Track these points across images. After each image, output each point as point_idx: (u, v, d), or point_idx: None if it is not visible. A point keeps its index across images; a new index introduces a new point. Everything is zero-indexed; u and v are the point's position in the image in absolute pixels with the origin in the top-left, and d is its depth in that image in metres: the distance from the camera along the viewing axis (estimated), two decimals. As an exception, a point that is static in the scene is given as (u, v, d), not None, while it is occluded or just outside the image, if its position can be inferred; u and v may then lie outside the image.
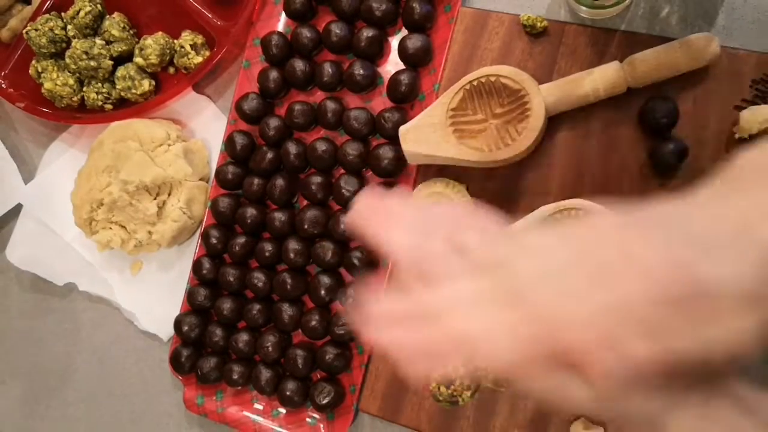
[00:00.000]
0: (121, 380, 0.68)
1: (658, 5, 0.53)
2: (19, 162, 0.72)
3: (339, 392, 0.58)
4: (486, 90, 0.51)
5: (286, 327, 0.59)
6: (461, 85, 0.51)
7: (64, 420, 0.69)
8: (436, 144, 0.51)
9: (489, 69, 0.51)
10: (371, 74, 0.58)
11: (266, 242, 0.60)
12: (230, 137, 0.62)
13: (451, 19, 0.57)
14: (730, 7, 0.51)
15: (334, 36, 0.59)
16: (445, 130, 0.51)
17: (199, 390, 0.63)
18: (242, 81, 0.64)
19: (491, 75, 0.50)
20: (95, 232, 0.64)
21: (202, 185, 0.64)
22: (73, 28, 0.66)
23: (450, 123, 0.51)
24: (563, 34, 0.54)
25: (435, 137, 0.51)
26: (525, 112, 0.50)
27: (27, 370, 0.71)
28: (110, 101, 0.67)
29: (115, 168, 0.62)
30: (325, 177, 0.60)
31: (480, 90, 0.51)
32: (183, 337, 0.62)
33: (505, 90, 0.50)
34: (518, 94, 0.50)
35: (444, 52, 0.57)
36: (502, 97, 0.51)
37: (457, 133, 0.51)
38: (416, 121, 0.52)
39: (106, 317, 0.69)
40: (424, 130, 0.52)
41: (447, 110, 0.51)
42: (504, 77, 0.50)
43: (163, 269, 0.67)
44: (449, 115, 0.51)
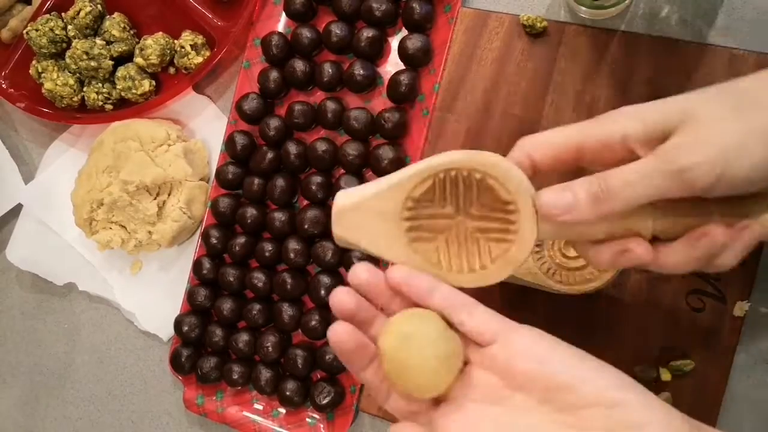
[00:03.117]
0: (121, 380, 0.68)
1: (657, 5, 0.53)
2: (19, 162, 0.72)
3: (339, 392, 0.58)
4: (465, 185, 0.36)
5: (286, 327, 0.59)
6: (432, 170, 0.35)
7: (64, 420, 0.69)
8: (381, 240, 0.37)
9: (475, 158, 0.35)
10: (371, 74, 0.59)
11: (266, 242, 0.60)
12: (230, 137, 0.62)
13: (451, 19, 0.57)
14: (730, 8, 0.51)
15: (334, 36, 0.59)
16: (397, 223, 0.36)
17: (199, 390, 0.63)
18: (242, 81, 0.64)
19: (476, 170, 0.35)
20: (95, 232, 0.64)
21: (203, 185, 0.64)
22: (74, 29, 0.66)
23: (406, 216, 0.36)
24: (563, 34, 0.54)
25: (380, 229, 0.37)
26: (507, 234, 0.36)
27: (27, 370, 0.71)
28: (110, 101, 0.67)
29: (116, 168, 0.62)
30: (325, 177, 0.60)
31: (456, 182, 0.36)
32: (183, 337, 0.62)
33: (490, 193, 0.35)
34: (505, 207, 0.36)
35: (444, 52, 0.57)
36: (483, 199, 0.36)
37: (412, 233, 0.37)
38: (359, 199, 0.37)
39: (106, 317, 0.69)
40: (368, 215, 0.37)
41: (406, 198, 0.36)
42: (492, 178, 0.35)
43: (163, 269, 0.67)
44: (407, 206, 0.36)
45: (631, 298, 0.51)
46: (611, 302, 0.51)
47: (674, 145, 0.33)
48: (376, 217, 0.37)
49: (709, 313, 0.50)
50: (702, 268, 0.36)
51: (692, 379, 0.49)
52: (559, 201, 0.34)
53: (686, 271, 0.35)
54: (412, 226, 0.37)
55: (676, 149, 0.33)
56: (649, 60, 0.52)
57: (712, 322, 0.50)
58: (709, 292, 0.50)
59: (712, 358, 0.50)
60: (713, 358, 0.49)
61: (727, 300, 0.49)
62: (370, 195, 0.37)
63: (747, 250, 0.35)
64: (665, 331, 0.51)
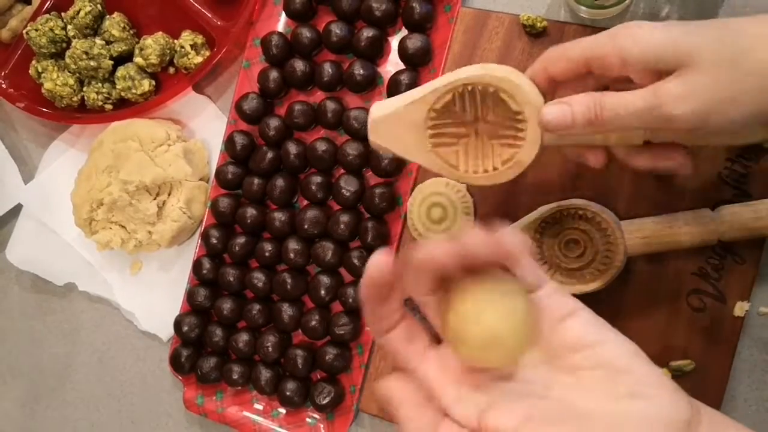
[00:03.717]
0: (121, 380, 0.68)
1: (658, 6, 0.53)
2: (19, 162, 0.72)
3: (339, 392, 0.58)
4: (480, 97, 0.41)
5: (286, 327, 0.59)
6: (451, 85, 0.41)
7: (63, 420, 0.69)
8: (408, 145, 0.43)
9: (489, 73, 0.40)
10: (371, 74, 0.58)
11: (266, 242, 0.60)
12: (230, 137, 0.62)
13: (451, 19, 0.57)
14: (730, 7, 0.51)
15: (334, 36, 0.59)
16: (422, 131, 0.43)
17: (198, 390, 0.63)
18: (242, 81, 0.64)
19: (490, 84, 0.40)
20: (95, 232, 0.64)
21: (202, 185, 0.64)
22: (73, 28, 0.66)
23: (430, 125, 0.42)
24: (563, 34, 0.54)
25: (408, 136, 0.43)
26: (516, 140, 0.41)
27: (27, 370, 0.71)
28: (110, 101, 0.67)
29: (115, 168, 0.62)
30: (325, 177, 0.60)
31: (474, 95, 0.41)
32: (183, 337, 0.62)
33: (502, 104, 0.41)
34: (515, 116, 0.41)
35: (444, 52, 0.57)
36: (497, 108, 0.41)
37: (435, 139, 0.43)
38: (390, 110, 0.43)
39: (106, 317, 0.69)
40: (398, 125, 0.43)
41: (429, 109, 0.42)
42: (504, 91, 0.40)
43: (163, 269, 0.67)
44: (430, 116, 0.42)
45: (631, 298, 0.51)
46: (611, 302, 0.51)
47: (668, 91, 0.35)
48: (404, 126, 0.43)
49: (709, 313, 0.50)
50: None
51: (692, 380, 0.49)
52: (557, 117, 0.38)
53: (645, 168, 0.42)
54: (434, 134, 0.43)
55: (670, 95, 0.35)
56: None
57: (713, 322, 0.50)
58: (709, 292, 0.50)
59: (712, 358, 0.49)
60: (713, 358, 0.49)
61: (727, 300, 0.49)
62: (399, 107, 0.43)
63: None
64: (665, 331, 0.50)
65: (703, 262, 0.50)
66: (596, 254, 0.48)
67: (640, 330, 0.51)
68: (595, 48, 0.38)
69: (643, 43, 0.36)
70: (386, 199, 0.57)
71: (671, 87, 0.35)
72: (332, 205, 0.60)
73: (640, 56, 0.36)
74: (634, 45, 0.36)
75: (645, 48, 0.36)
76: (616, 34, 0.37)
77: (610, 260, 0.47)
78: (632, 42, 0.36)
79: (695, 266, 0.50)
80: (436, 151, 0.43)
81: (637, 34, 0.37)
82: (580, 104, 0.38)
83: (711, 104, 0.35)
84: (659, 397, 0.31)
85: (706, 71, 0.35)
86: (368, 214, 0.58)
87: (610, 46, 0.37)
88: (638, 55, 0.36)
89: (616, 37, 0.37)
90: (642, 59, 0.36)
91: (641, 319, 0.51)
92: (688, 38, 0.36)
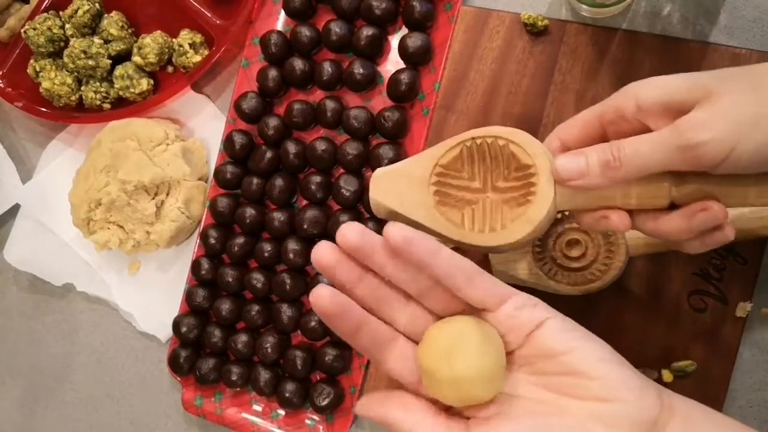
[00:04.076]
0: (120, 381, 0.67)
1: (659, 4, 0.52)
2: (17, 162, 0.72)
3: (338, 393, 0.57)
4: (491, 154, 0.39)
5: (285, 328, 0.59)
6: (460, 139, 0.39)
7: (62, 420, 0.69)
8: (407, 202, 0.40)
9: (499, 129, 0.39)
10: (371, 73, 0.58)
11: (265, 242, 0.60)
12: (229, 137, 0.62)
13: (451, 17, 0.57)
14: (732, 6, 0.51)
15: (333, 35, 0.58)
16: (425, 188, 0.40)
17: (197, 391, 0.62)
18: (241, 80, 0.63)
19: (500, 137, 0.38)
20: (93, 232, 0.64)
21: (201, 185, 0.64)
22: (72, 27, 0.66)
23: (435, 181, 0.40)
24: (564, 32, 0.54)
25: (409, 193, 0.40)
26: (527, 195, 0.38)
27: (25, 371, 0.71)
28: (108, 100, 0.67)
29: (114, 167, 0.61)
30: (325, 177, 0.59)
31: (483, 152, 0.39)
32: (181, 337, 0.62)
33: (513, 160, 0.38)
34: (526, 170, 0.38)
35: (444, 50, 0.57)
36: (508, 168, 0.39)
37: (438, 197, 0.40)
38: (396, 167, 0.42)
39: (105, 318, 0.68)
40: (401, 181, 0.41)
41: (435, 165, 0.40)
42: (514, 144, 0.38)
43: (161, 270, 0.66)
44: (436, 171, 0.40)
45: (633, 298, 0.51)
46: (612, 303, 0.51)
47: (690, 120, 0.33)
48: (407, 182, 0.40)
49: (710, 314, 0.50)
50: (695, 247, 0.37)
51: (694, 380, 0.49)
52: (571, 166, 0.36)
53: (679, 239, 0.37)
54: (439, 191, 0.40)
55: (692, 124, 0.33)
56: (650, 59, 0.52)
57: (714, 322, 0.49)
58: (710, 292, 0.50)
59: (714, 358, 0.49)
60: (715, 359, 0.49)
61: (728, 300, 0.49)
62: (404, 163, 0.41)
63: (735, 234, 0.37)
64: (667, 331, 0.50)
65: (704, 263, 0.50)
66: (598, 254, 0.47)
67: (642, 331, 0.51)
68: (607, 103, 0.37)
69: (659, 85, 0.35)
70: (386, 199, 0.57)
71: (692, 117, 0.33)
72: (332, 205, 0.60)
73: (657, 97, 0.35)
74: (649, 88, 0.35)
75: (661, 88, 0.35)
76: (627, 87, 0.36)
77: (612, 260, 0.47)
78: (646, 86, 0.35)
79: (697, 267, 0.50)
80: (440, 208, 0.40)
81: (650, 80, 0.36)
82: (595, 149, 0.36)
83: (734, 128, 0.33)
84: (624, 398, 0.33)
85: (726, 98, 0.33)
86: (368, 214, 0.58)
87: (622, 96, 0.36)
88: (654, 97, 0.35)
89: (628, 88, 0.36)
90: (658, 100, 0.35)
91: (643, 320, 0.51)
92: (704, 76, 0.35)
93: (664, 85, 0.35)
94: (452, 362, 0.33)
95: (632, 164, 0.35)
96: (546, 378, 0.34)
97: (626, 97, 0.36)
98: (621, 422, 0.32)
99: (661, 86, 0.35)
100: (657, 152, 0.34)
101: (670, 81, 0.35)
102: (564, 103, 0.54)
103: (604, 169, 0.35)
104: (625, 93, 0.36)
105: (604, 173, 0.35)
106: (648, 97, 0.35)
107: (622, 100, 0.36)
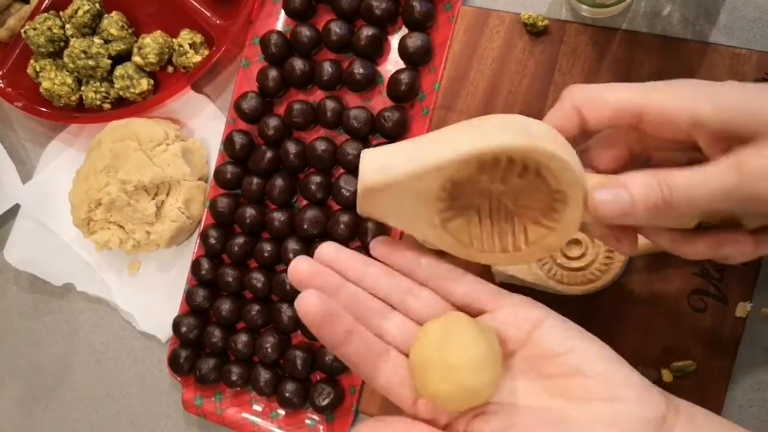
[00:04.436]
0: (120, 381, 0.67)
1: (659, 4, 0.52)
2: (17, 162, 0.72)
3: (339, 393, 0.57)
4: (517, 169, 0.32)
5: (285, 328, 0.59)
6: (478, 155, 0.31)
7: (62, 420, 0.69)
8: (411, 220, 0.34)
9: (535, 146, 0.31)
10: (371, 73, 0.58)
11: (265, 242, 0.60)
12: (229, 137, 0.62)
13: (451, 17, 0.57)
14: (732, 6, 0.51)
15: (333, 35, 0.58)
16: (431, 205, 0.33)
17: (197, 391, 0.62)
18: (241, 80, 0.63)
19: (529, 156, 0.31)
20: (93, 232, 0.64)
21: (201, 185, 0.64)
22: (72, 27, 0.66)
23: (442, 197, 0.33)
24: (564, 32, 0.54)
25: (411, 210, 0.33)
26: (548, 219, 0.34)
27: (25, 371, 0.71)
28: (109, 100, 0.67)
29: (114, 168, 0.61)
30: (325, 177, 0.59)
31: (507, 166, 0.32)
32: (181, 337, 0.62)
33: (540, 180, 0.32)
34: (554, 194, 0.33)
35: (444, 50, 0.57)
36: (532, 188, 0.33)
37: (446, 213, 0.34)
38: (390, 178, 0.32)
39: (105, 318, 0.68)
40: (400, 196, 0.33)
41: (445, 181, 0.32)
42: (547, 168, 0.31)
43: (161, 270, 0.66)
44: (445, 187, 0.33)
45: (633, 298, 0.51)
46: (612, 303, 0.51)
47: (759, 168, 0.29)
48: (408, 199, 0.33)
49: (710, 314, 0.49)
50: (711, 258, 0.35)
51: (694, 380, 0.49)
52: (613, 204, 0.31)
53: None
54: (445, 206, 0.34)
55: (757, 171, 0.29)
56: (650, 59, 0.52)
57: (714, 322, 0.49)
58: (710, 292, 0.50)
59: (713, 358, 0.49)
60: (715, 359, 0.49)
61: (728, 300, 0.49)
62: (402, 175, 0.32)
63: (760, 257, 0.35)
64: (667, 331, 0.50)
65: (704, 262, 0.50)
66: (597, 254, 0.47)
67: (642, 331, 0.51)
68: (656, 101, 0.31)
69: (722, 100, 0.30)
70: (386, 199, 0.57)
71: (757, 162, 0.29)
72: (332, 205, 0.60)
73: (717, 116, 0.30)
74: (709, 95, 0.30)
75: (724, 106, 0.30)
76: (682, 87, 0.31)
77: (612, 260, 0.47)
78: (704, 92, 0.30)
79: (697, 267, 0.50)
80: (446, 226, 0.34)
81: (710, 88, 0.31)
82: (641, 185, 0.31)
83: None
84: (628, 397, 0.32)
85: None
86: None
87: (672, 100, 0.31)
88: (714, 115, 0.30)
89: (683, 88, 0.31)
90: (719, 119, 0.30)
91: (642, 320, 0.51)
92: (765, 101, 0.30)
93: (727, 106, 0.30)
94: (444, 352, 0.32)
95: (683, 206, 0.30)
96: (549, 382, 0.33)
97: (680, 103, 0.31)
98: (627, 422, 0.31)
99: (723, 106, 0.30)
100: (714, 197, 0.30)
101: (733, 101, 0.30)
102: (564, 103, 0.54)
103: (651, 209, 0.31)
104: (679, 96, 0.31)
105: (649, 213, 0.31)
106: (708, 117, 0.30)
107: (674, 105, 0.31)
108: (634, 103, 0.32)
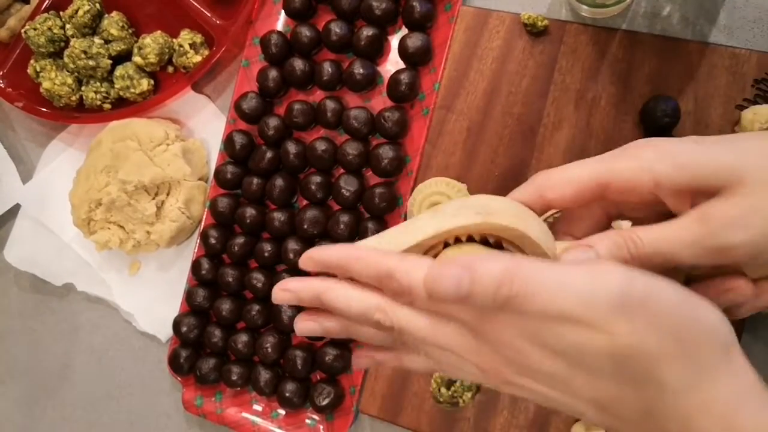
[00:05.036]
0: (120, 381, 0.67)
1: (659, 4, 0.52)
2: (17, 162, 0.72)
3: (338, 393, 0.57)
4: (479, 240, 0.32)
5: (285, 328, 0.59)
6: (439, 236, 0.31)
7: (62, 420, 0.69)
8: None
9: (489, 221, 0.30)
10: (371, 73, 0.58)
11: (265, 242, 0.60)
12: (229, 137, 0.62)
13: (451, 17, 0.57)
14: (732, 6, 0.51)
15: (333, 35, 0.58)
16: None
17: (197, 391, 0.62)
18: (241, 80, 0.63)
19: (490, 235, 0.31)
20: (93, 232, 0.64)
21: (201, 185, 0.64)
22: (72, 28, 0.66)
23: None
24: (564, 33, 0.54)
25: None
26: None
27: (26, 371, 0.71)
28: (109, 100, 0.67)
29: (114, 168, 0.61)
30: (325, 177, 0.59)
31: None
32: (182, 337, 0.62)
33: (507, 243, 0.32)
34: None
35: (444, 51, 0.57)
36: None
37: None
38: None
39: (105, 318, 0.68)
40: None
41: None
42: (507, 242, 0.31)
43: (161, 269, 0.66)
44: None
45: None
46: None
47: (722, 217, 0.30)
48: None
49: (711, 314, 0.49)
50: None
51: (694, 380, 0.49)
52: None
53: None
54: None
55: (724, 222, 0.29)
56: (650, 59, 0.52)
57: (714, 322, 0.49)
58: (711, 292, 0.50)
59: (714, 358, 0.49)
60: (715, 359, 0.49)
61: (729, 300, 0.49)
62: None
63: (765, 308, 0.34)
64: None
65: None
66: None
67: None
68: (613, 169, 0.32)
69: (681, 165, 0.30)
70: (386, 199, 0.57)
71: (723, 212, 0.29)
72: (332, 205, 0.60)
73: (679, 180, 0.30)
74: (670, 167, 0.31)
75: (683, 168, 0.30)
76: (637, 151, 0.32)
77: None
78: (665, 163, 0.31)
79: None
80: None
81: (668, 149, 0.31)
82: (606, 244, 0.31)
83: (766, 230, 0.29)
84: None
85: (756, 191, 0.29)
86: (368, 214, 0.58)
87: (634, 165, 0.31)
88: (676, 179, 0.30)
89: (640, 154, 0.31)
90: (680, 182, 0.30)
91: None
92: (728, 153, 0.30)
93: (686, 165, 0.30)
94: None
95: (651, 262, 0.30)
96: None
97: (639, 169, 0.31)
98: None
99: (682, 166, 0.30)
100: (682, 251, 0.30)
101: (692, 159, 0.30)
102: (564, 103, 0.54)
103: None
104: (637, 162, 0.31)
105: None
106: (669, 178, 0.30)
107: (634, 172, 0.31)
108: (594, 179, 0.32)
